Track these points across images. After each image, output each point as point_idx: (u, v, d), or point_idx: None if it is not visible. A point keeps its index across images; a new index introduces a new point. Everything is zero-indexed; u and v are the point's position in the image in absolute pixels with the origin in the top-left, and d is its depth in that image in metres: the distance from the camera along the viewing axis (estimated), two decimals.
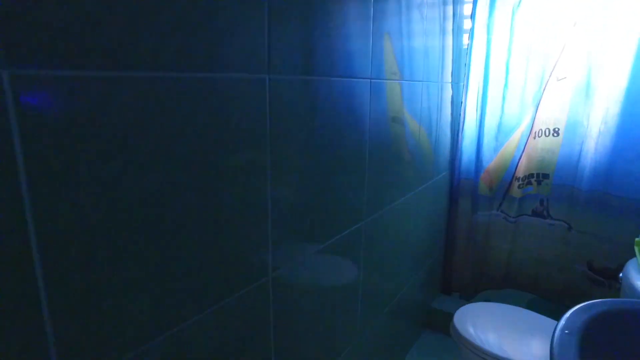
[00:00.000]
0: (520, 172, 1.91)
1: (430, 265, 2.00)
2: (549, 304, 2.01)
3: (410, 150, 1.59)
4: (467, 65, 1.90)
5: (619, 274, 1.79)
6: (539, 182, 1.93)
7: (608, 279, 1.79)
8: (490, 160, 1.98)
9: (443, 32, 1.70)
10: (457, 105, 1.99)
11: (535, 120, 1.86)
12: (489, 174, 1.99)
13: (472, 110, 1.95)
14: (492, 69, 1.88)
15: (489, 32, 1.86)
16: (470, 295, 2.14)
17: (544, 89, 1.83)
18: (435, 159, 1.82)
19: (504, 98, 1.90)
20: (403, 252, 1.66)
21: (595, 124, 1.72)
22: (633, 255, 1.63)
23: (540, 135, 1.88)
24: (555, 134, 1.85)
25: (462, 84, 2.00)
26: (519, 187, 1.93)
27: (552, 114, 1.84)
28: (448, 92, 1.87)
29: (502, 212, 2.01)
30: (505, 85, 1.88)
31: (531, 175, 1.93)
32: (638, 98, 1.63)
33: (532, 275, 2.02)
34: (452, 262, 2.14)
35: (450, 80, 1.85)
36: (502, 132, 1.93)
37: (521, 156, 1.90)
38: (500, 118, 1.92)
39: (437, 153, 1.83)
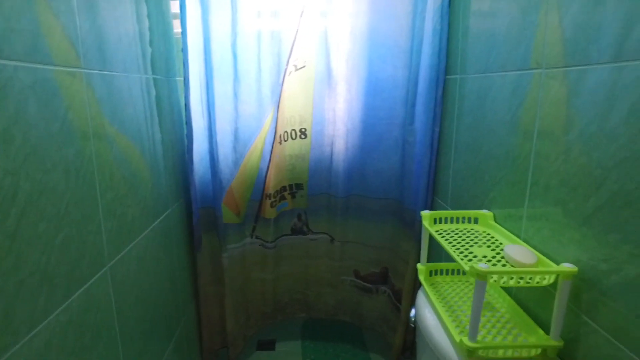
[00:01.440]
0: (271, 188, 1.49)
1: (183, 331, 1.38)
2: (323, 323, 1.78)
3: (127, 179, 0.90)
4: (184, 52, 1.26)
5: (385, 276, 1.72)
6: (293, 195, 1.57)
7: (375, 283, 1.66)
8: (232, 179, 1.47)
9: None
10: (178, 109, 1.35)
11: (279, 120, 1.44)
12: (233, 197, 1.49)
13: (199, 115, 1.36)
14: (215, 57, 1.31)
15: (204, 8, 1.27)
16: (239, 347, 1.68)
17: (282, 81, 1.41)
18: (157, 188, 1.15)
19: (235, 95, 1.39)
20: (141, 332, 0.99)
21: (343, 121, 1.45)
22: (395, 255, 1.54)
23: (286, 138, 1.49)
24: (302, 136, 1.49)
25: (179, 78, 1.36)
26: (272, 205, 1.51)
27: (297, 112, 1.47)
28: (164, 90, 1.20)
29: (258, 239, 1.58)
30: (236, 78, 1.36)
31: (284, 189, 1.55)
32: (378, 89, 1.42)
33: (302, 299, 1.72)
34: (209, 316, 1.59)
35: (166, 75, 1.18)
36: (240, 140, 1.44)
37: (268, 168, 1.47)
38: (236, 122, 1.42)
39: (159, 179, 1.17)
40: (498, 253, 0.83)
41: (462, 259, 0.81)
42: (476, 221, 1.02)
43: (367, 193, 1.54)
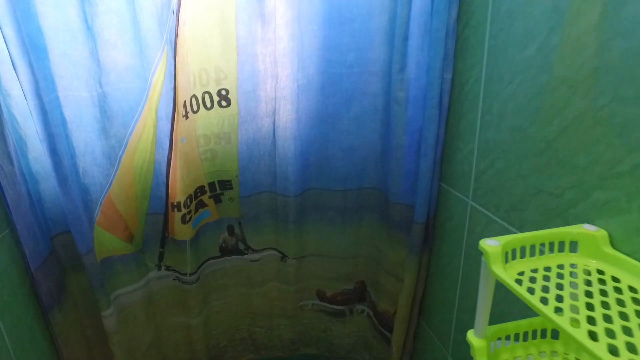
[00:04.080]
0: (178, 192, 0.90)
1: None
2: None
3: None
4: None
5: (362, 292, 1.24)
6: (217, 199, 0.99)
7: (347, 303, 1.18)
8: (108, 183, 0.85)
9: None
10: None
11: (179, 77, 0.83)
12: (116, 211, 0.88)
13: (8, 75, 0.71)
14: None
15: None
16: None
17: (179, 4, 0.79)
18: None
19: (89, 29, 0.75)
20: None
21: (289, 72, 0.88)
22: (376, 265, 1.04)
23: (196, 108, 0.89)
24: (223, 102, 0.90)
25: None
26: (184, 220, 0.92)
27: (209, 60, 0.86)
28: None
29: (170, 270, 0.99)
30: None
31: (200, 191, 0.96)
32: (344, 16, 0.87)
33: (247, 337, 1.19)
34: None
35: None
36: (112, 116, 0.82)
37: (169, 160, 0.87)
38: (99, 82, 0.79)
39: None
40: None
41: None
42: (574, 248, 0.54)
43: (330, 184, 1.01)
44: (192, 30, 0.83)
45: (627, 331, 0.39)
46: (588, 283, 0.47)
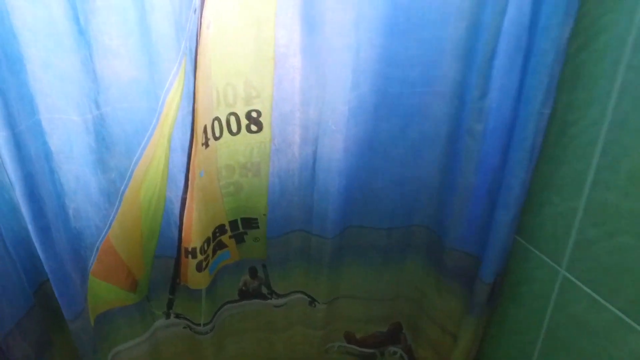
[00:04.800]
0: (194, 236, 0.71)
1: None
2: None
3: None
4: None
5: (396, 333, 1.09)
6: (239, 239, 0.81)
7: (378, 346, 1.03)
8: (107, 228, 0.67)
9: None
10: None
11: (199, 94, 0.64)
12: (116, 256, 0.71)
13: None
14: None
15: None
16: None
17: (201, 3, 0.60)
18: None
19: (82, 32, 0.56)
20: None
21: (341, 92, 0.69)
22: (417, 308, 0.87)
23: (218, 134, 0.70)
24: (253, 126, 0.71)
25: None
26: (200, 267, 0.75)
27: (238, 73, 0.67)
28: None
29: (181, 318, 0.83)
30: None
31: (220, 230, 0.78)
32: (411, 22, 0.67)
33: None
34: None
35: None
36: (112, 143, 0.63)
37: (184, 200, 0.69)
38: (95, 102, 0.60)
39: None
40: None
41: None
42: None
43: (374, 221, 0.84)
44: (218, 35, 0.63)
45: None
46: None
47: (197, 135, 0.65)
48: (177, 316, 0.83)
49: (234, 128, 0.70)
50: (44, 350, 0.70)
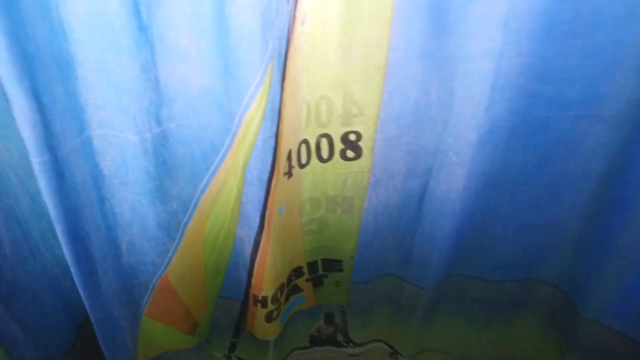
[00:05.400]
0: (266, 285, 0.57)
1: None
2: None
3: None
4: None
5: None
6: (317, 282, 0.67)
7: None
8: (166, 264, 0.56)
9: None
10: None
11: (286, 112, 0.49)
12: (173, 299, 0.59)
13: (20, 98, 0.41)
14: None
15: None
16: None
17: (294, 2, 0.44)
18: None
19: (143, 28, 0.42)
20: None
21: (471, 113, 0.51)
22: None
23: (305, 161, 0.55)
24: (351, 152, 0.55)
25: None
26: (269, 317, 0.61)
27: (336, 85, 0.51)
28: None
29: None
30: None
31: (296, 274, 0.64)
32: (575, 24, 0.47)
33: None
34: None
35: None
36: (175, 176, 0.50)
37: (257, 243, 0.55)
38: (157, 118, 0.47)
39: None
40: None
41: None
42: None
43: (485, 272, 0.67)
44: (314, 33, 0.48)
45: None
46: None
47: (280, 163, 0.50)
48: None
49: (325, 153, 0.54)
50: None
